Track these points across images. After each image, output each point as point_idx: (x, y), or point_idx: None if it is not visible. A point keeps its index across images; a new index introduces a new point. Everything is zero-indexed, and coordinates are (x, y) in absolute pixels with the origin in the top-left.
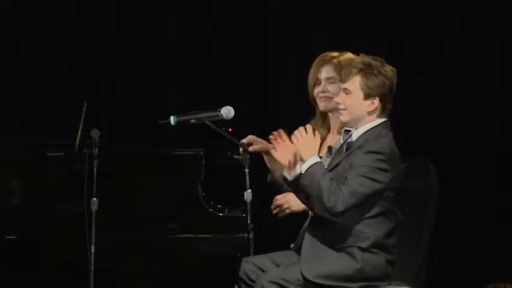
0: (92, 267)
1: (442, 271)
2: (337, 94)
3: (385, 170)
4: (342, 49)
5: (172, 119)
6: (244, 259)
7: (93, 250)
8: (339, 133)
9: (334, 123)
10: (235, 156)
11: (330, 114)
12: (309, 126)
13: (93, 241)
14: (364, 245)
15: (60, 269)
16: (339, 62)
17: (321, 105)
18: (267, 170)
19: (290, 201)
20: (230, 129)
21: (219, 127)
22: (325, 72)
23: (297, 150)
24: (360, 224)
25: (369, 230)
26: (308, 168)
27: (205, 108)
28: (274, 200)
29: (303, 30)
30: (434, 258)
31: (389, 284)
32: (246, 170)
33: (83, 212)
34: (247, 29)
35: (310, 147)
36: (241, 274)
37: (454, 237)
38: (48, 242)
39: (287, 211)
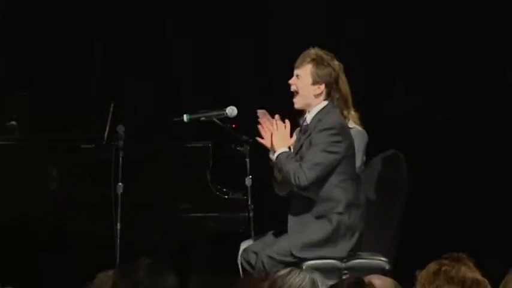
0: (118, 241)
1: (410, 246)
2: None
3: (339, 142)
4: None
5: (185, 117)
6: (243, 249)
7: (118, 227)
8: None
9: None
10: (238, 148)
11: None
12: (286, 121)
13: (118, 219)
14: (340, 208)
15: (92, 243)
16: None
17: None
18: (264, 160)
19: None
20: (234, 126)
21: (224, 124)
22: None
23: (273, 141)
24: (332, 191)
25: (341, 194)
26: (276, 157)
27: (212, 108)
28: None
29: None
30: (404, 235)
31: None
32: (247, 160)
33: (110, 195)
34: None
35: (282, 140)
36: (242, 262)
37: (421, 217)
38: (81, 221)
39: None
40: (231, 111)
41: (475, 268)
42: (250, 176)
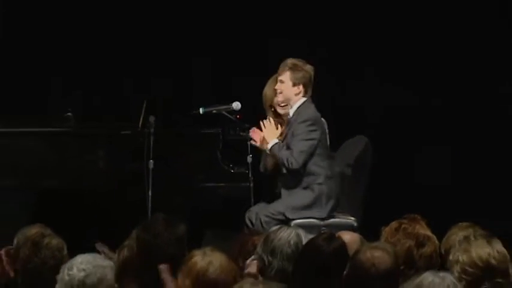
0: (150, 205)
1: (373, 209)
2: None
3: (315, 130)
4: None
5: (201, 110)
6: (248, 210)
7: (150, 194)
8: None
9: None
10: (241, 133)
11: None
12: (270, 119)
13: (150, 188)
14: (320, 180)
15: (129, 207)
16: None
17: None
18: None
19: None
20: (238, 116)
21: (231, 115)
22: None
23: (265, 135)
24: (313, 168)
25: (320, 170)
26: (270, 148)
27: (221, 103)
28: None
29: None
30: (369, 200)
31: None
32: (248, 143)
33: (143, 169)
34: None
35: (271, 132)
36: (246, 220)
37: (382, 186)
38: (122, 189)
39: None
40: (236, 105)
41: (427, 226)
42: (251, 155)
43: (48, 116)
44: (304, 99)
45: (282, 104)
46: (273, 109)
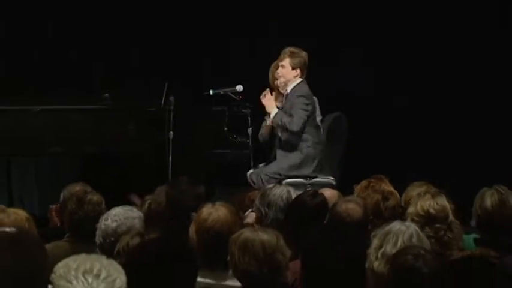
0: (170, 168)
1: (349, 170)
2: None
3: (308, 104)
4: None
5: (211, 91)
6: (249, 172)
7: (170, 159)
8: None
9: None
10: (243, 110)
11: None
12: (267, 90)
13: (170, 154)
14: (308, 144)
15: (152, 171)
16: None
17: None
18: (260, 119)
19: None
20: (241, 97)
21: (235, 95)
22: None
23: (265, 105)
24: (303, 134)
25: (308, 136)
26: (274, 115)
27: (227, 85)
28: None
29: None
30: (345, 163)
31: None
32: (249, 118)
33: (165, 139)
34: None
35: (269, 101)
36: (249, 180)
37: (355, 152)
38: (147, 156)
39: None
40: (239, 87)
41: (390, 184)
42: (251, 128)
43: (90, 96)
44: (300, 79)
45: (283, 85)
46: (276, 88)
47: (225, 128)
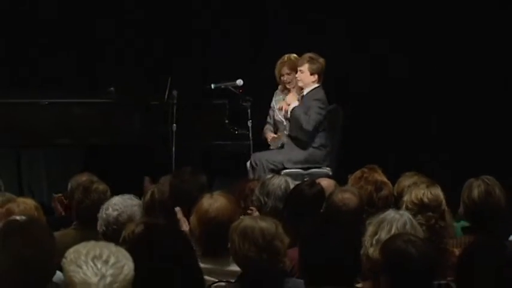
0: (173, 158)
1: (345, 161)
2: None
3: (323, 108)
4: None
5: (212, 85)
6: (252, 154)
7: (173, 150)
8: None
9: (292, 90)
10: (243, 104)
11: (291, 88)
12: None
13: (173, 145)
14: (315, 145)
15: (156, 160)
16: (291, 61)
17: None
18: (260, 112)
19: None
20: (241, 91)
21: (236, 89)
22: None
23: (289, 99)
24: (314, 135)
25: (318, 139)
26: (293, 108)
27: (227, 80)
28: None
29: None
30: (341, 154)
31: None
32: (248, 110)
33: (168, 131)
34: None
35: (294, 99)
36: (252, 163)
37: (351, 142)
38: (151, 147)
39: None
40: (239, 82)
41: (383, 174)
42: (251, 120)
43: (96, 90)
44: (317, 85)
45: (299, 89)
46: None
47: (226, 121)
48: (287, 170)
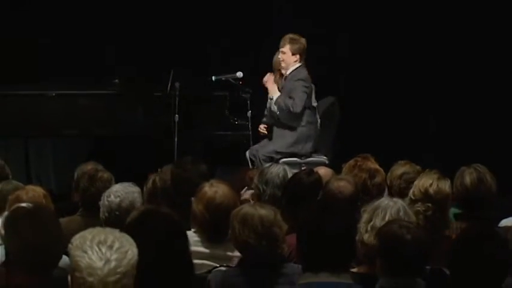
0: (176, 148)
1: (340, 150)
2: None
3: (307, 86)
4: None
5: (213, 78)
6: (249, 149)
7: (176, 139)
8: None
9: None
10: (243, 95)
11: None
12: (269, 74)
13: (176, 135)
14: (303, 123)
15: (160, 148)
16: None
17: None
18: (258, 104)
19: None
20: (241, 82)
21: (236, 81)
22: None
23: (268, 88)
24: (300, 115)
25: (304, 116)
26: (276, 99)
27: (228, 72)
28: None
29: None
30: (337, 143)
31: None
32: (248, 102)
33: (171, 121)
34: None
35: (274, 87)
36: (250, 156)
37: (347, 133)
38: (155, 137)
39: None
40: (240, 74)
41: (376, 162)
42: (250, 111)
43: (101, 81)
44: (299, 64)
45: (284, 70)
46: (279, 72)
47: (226, 112)
48: (285, 159)
